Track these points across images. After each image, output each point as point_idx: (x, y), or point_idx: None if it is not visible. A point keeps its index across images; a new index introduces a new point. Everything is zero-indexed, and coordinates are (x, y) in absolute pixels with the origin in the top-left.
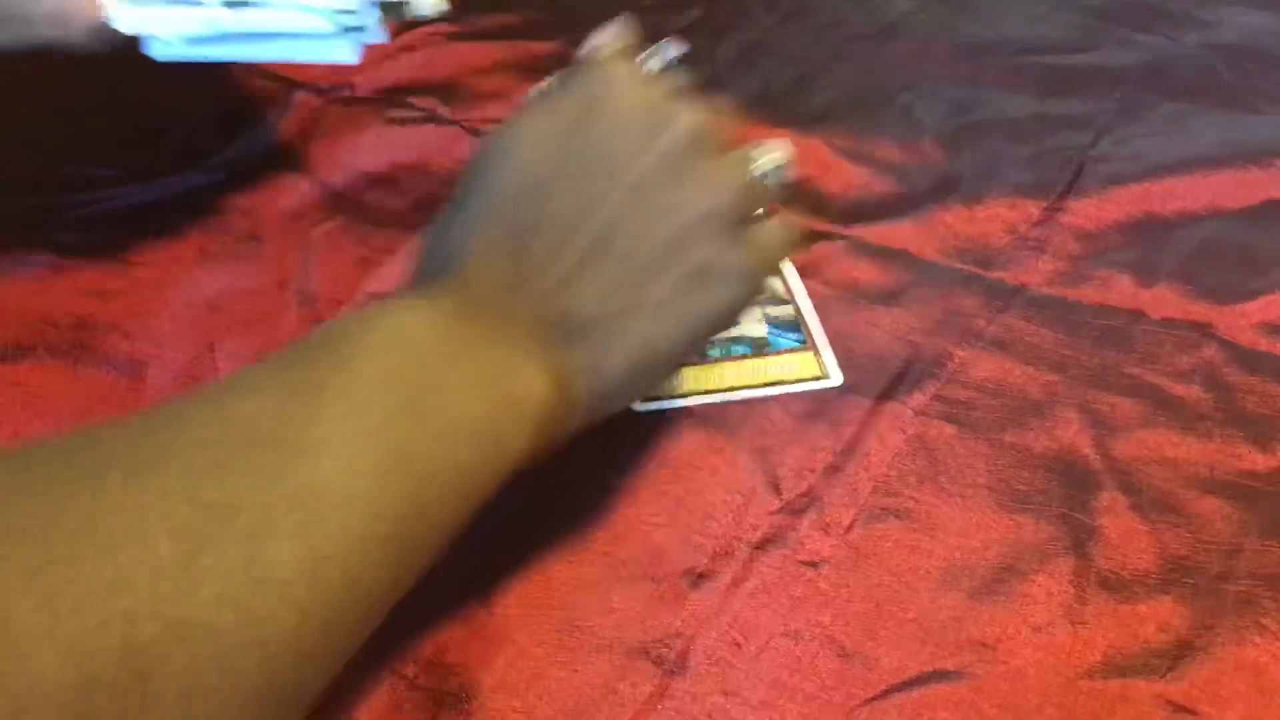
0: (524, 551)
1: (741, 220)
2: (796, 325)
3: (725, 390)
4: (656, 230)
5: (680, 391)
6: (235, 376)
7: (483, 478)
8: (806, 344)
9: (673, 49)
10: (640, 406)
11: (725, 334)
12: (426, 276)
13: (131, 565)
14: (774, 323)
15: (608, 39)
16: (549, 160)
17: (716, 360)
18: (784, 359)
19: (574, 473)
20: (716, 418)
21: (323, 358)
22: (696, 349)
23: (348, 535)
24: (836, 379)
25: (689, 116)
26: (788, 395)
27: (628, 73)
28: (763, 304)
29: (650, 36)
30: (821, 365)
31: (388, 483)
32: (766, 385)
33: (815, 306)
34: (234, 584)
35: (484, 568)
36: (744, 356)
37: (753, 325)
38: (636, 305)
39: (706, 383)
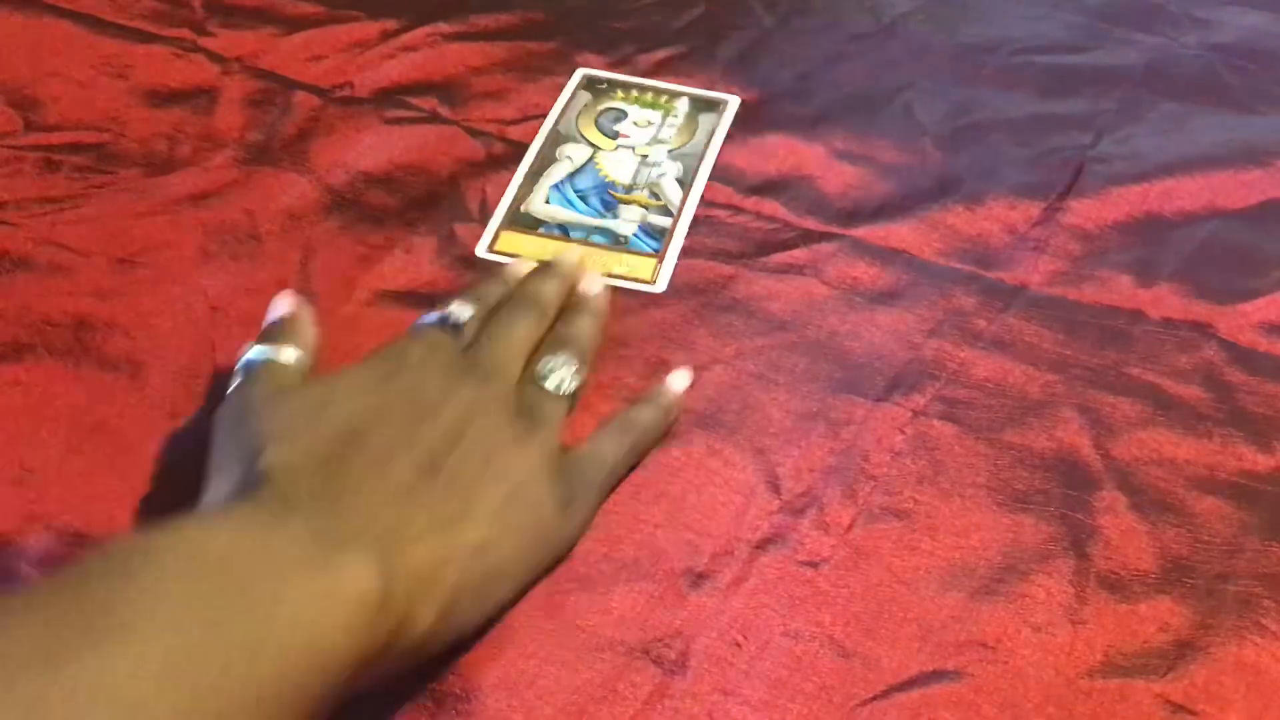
0: None
1: (548, 442)
2: (661, 234)
3: None
4: (473, 459)
5: (531, 255)
6: (22, 596)
7: (302, 679)
8: (659, 252)
9: (465, 310)
10: (481, 253)
11: (599, 221)
12: (230, 500)
13: None
14: (645, 227)
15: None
16: (360, 418)
17: (576, 241)
18: (629, 258)
19: None
20: (716, 418)
21: (109, 574)
22: (534, 566)
23: None
24: (660, 287)
25: (481, 389)
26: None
27: (428, 345)
28: (651, 212)
29: (651, 36)
30: (655, 272)
31: (165, 697)
32: (602, 275)
33: (819, 303)
34: None
35: None
36: (600, 246)
37: (626, 224)
38: (467, 513)
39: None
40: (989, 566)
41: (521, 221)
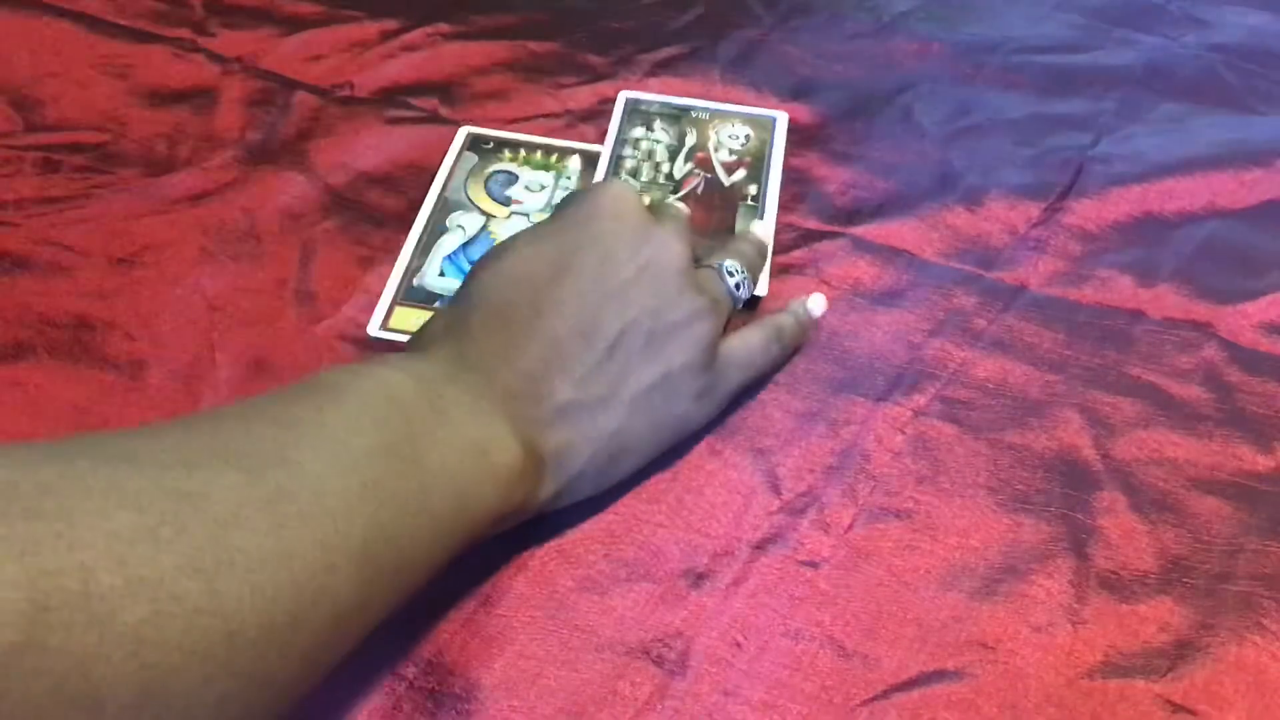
0: (524, 552)
1: (716, 330)
2: None
3: None
4: (638, 331)
5: None
6: (220, 409)
7: (453, 527)
8: None
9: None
10: (374, 332)
11: None
12: (419, 347)
13: (88, 529)
14: None
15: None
16: (545, 261)
17: None
18: None
19: None
20: (716, 418)
21: (309, 398)
22: (660, 447)
23: (316, 541)
24: None
25: (674, 239)
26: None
27: (619, 190)
28: None
29: (651, 36)
30: None
31: (358, 508)
32: None
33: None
34: (199, 559)
35: (483, 568)
36: None
37: None
38: (613, 396)
39: None
40: (989, 566)
41: (415, 296)
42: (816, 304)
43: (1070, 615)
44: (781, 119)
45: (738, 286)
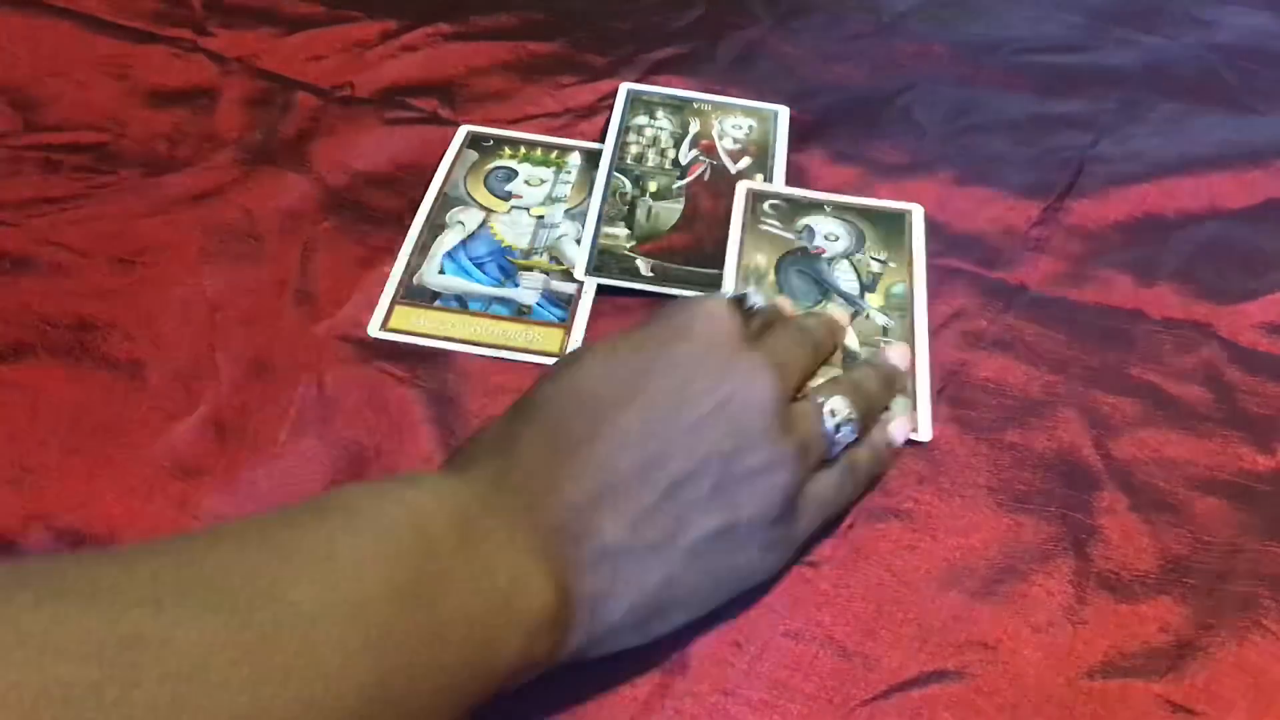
0: None
1: (796, 481)
2: (567, 302)
3: (467, 342)
4: (706, 474)
5: (428, 331)
6: (218, 526)
7: (467, 682)
8: (565, 321)
9: (759, 296)
10: (375, 333)
11: (498, 291)
12: (459, 464)
13: (12, 685)
14: (549, 295)
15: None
16: (615, 381)
17: (476, 314)
18: (535, 330)
19: None
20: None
21: (319, 522)
22: (717, 602)
23: (301, 701)
24: None
25: (764, 373)
26: None
27: (714, 308)
28: (553, 277)
29: (651, 36)
30: (563, 344)
31: (359, 660)
32: (505, 348)
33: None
34: None
35: None
36: (501, 318)
37: (528, 293)
38: (666, 543)
39: (456, 330)
40: (989, 566)
41: (416, 295)
42: (899, 430)
43: (1070, 615)
44: (783, 112)
45: (837, 429)
